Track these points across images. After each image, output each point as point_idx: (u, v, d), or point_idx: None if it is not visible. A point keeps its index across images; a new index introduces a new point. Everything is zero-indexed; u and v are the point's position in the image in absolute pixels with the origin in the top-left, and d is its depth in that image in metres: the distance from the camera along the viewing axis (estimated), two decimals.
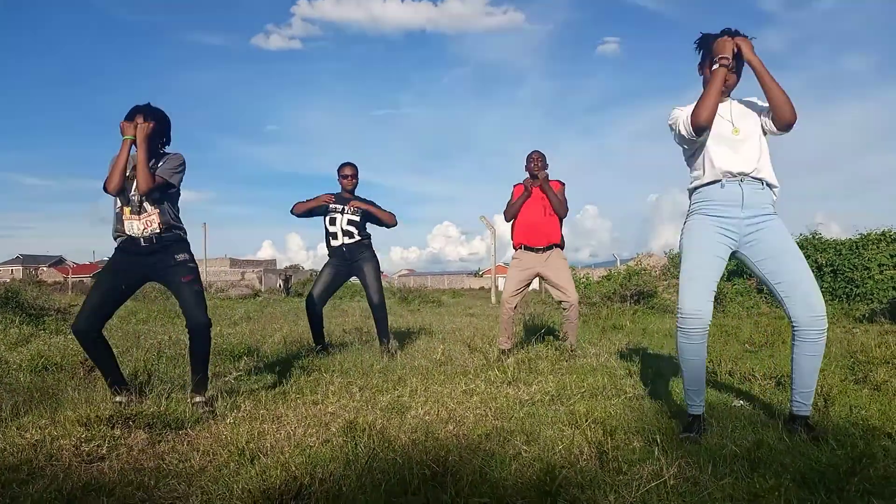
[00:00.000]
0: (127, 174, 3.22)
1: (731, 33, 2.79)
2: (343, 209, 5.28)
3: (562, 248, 5.19)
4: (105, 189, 3.24)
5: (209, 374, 3.43)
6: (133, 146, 3.21)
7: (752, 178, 2.78)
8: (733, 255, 2.87)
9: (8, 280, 21.64)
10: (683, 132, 2.84)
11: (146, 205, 3.24)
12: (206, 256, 42.58)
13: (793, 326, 2.74)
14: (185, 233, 3.42)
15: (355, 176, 5.37)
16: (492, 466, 2.20)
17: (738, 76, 2.85)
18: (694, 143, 2.86)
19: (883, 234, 11.91)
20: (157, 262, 3.28)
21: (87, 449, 2.45)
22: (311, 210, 5.31)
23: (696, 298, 2.72)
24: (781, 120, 2.74)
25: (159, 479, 2.18)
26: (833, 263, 11.78)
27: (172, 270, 3.28)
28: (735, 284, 12.39)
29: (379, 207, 5.36)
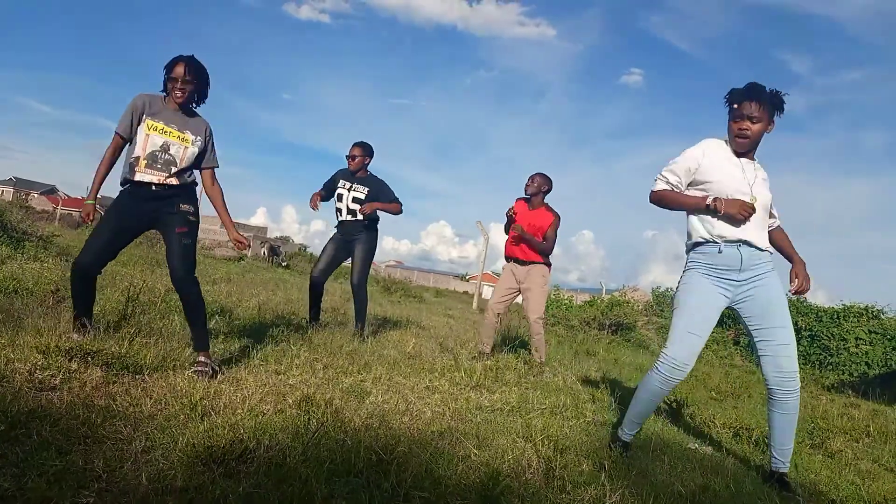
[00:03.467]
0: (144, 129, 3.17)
1: (758, 89, 2.70)
2: (350, 186, 5.30)
3: (548, 265, 5.20)
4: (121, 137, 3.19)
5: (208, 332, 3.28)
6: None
7: (752, 246, 2.75)
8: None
9: None
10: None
11: (171, 167, 3.17)
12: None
13: (765, 384, 2.80)
14: (196, 183, 3.32)
15: (358, 157, 5.31)
16: (439, 463, 2.20)
17: (767, 126, 2.74)
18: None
19: (866, 308, 12.01)
20: (161, 206, 3.20)
21: (40, 376, 2.42)
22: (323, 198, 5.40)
23: (691, 354, 2.73)
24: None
25: (107, 418, 2.16)
26: (812, 329, 11.87)
27: (171, 218, 3.18)
28: (713, 332, 12.47)
29: (386, 201, 5.32)
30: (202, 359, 3.11)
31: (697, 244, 2.83)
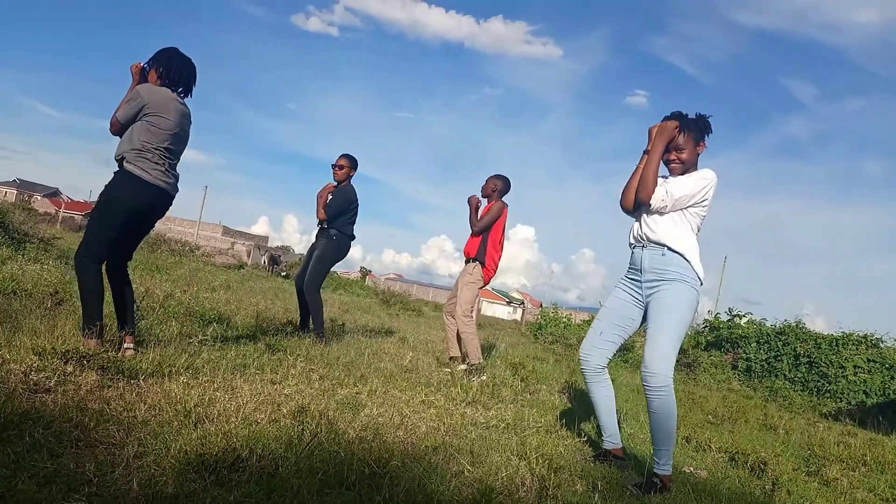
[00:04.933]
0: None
1: (680, 120, 2.85)
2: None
3: (482, 263, 5.20)
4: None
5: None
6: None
7: (654, 243, 2.88)
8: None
9: (0, 200, 21.40)
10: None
11: None
12: (201, 219, 42.51)
13: None
14: (132, 157, 3.22)
15: (345, 167, 5.52)
16: (432, 479, 2.18)
17: (695, 149, 2.89)
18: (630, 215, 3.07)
19: (864, 336, 11.97)
20: None
21: (35, 378, 2.42)
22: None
23: (585, 344, 3.17)
24: (638, 196, 2.91)
25: (100, 422, 2.15)
26: (810, 355, 11.82)
27: None
28: (711, 356, 12.42)
29: (331, 205, 5.42)
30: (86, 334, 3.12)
31: None
